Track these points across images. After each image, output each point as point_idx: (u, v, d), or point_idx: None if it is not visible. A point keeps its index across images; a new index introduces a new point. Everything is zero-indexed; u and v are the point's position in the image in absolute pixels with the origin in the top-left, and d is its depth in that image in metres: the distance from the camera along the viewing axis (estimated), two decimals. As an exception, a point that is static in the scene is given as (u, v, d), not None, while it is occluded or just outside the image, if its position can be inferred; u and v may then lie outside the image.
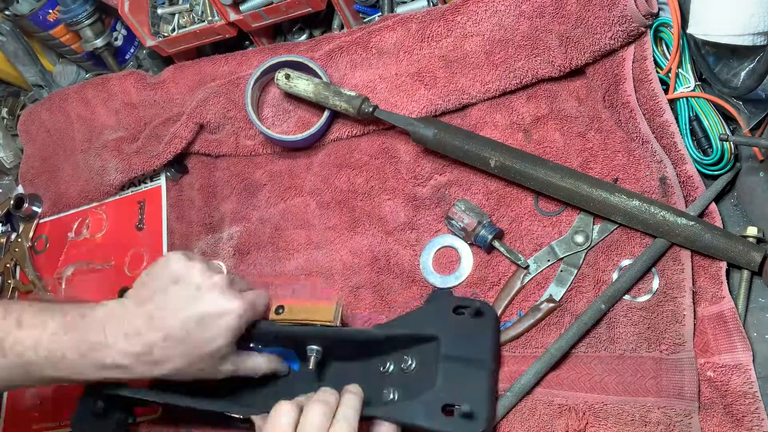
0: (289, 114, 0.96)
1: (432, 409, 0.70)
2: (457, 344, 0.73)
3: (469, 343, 0.74)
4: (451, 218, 0.81)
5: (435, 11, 0.88)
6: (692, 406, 0.69)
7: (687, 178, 0.77)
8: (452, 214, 0.81)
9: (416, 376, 0.74)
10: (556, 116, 0.83)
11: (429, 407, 0.70)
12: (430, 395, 0.70)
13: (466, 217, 0.80)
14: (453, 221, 0.81)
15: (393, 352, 0.77)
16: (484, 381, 0.72)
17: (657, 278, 0.74)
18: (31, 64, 1.15)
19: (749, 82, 0.69)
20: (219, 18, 0.96)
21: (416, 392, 0.72)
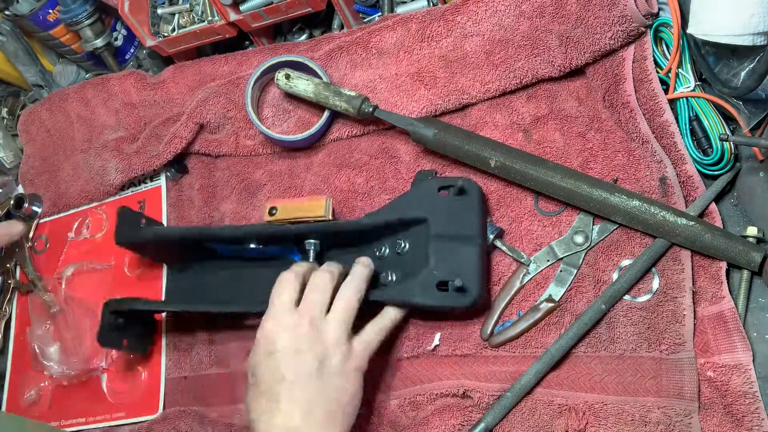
0: (289, 114, 0.96)
1: (428, 286, 0.74)
2: (445, 223, 0.77)
3: (456, 220, 0.77)
4: None
5: (435, 11, 0.88)
6: (692, 406, 0.69)
7: (687, 178, 0.77)
8: None
9: (410, 257, 0.79)
10: (556, 116, 0.83)
11: (425, 286, 0.74)
12: (425, 274, 0.75)
13: None
14: None
15: (386, 238, 0.82)
16: (473, 255, 0.75)
17: (657, 278, 0.74)
18: (31, 64, 1.15)
19: (749, 82, 0.69)
20: (219, 18, 0.96)
21: (412, 272, 0.76)
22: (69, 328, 0.97)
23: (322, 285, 0.72)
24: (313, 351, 0.68)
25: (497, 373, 0.76)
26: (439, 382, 0.78)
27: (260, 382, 0.68)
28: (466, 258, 0.75)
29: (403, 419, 0.79)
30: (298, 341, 0.68)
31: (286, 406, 0.66)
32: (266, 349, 0.69)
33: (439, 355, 0.80)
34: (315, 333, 0.69)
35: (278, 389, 0.67)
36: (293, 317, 0.70)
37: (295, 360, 0.67)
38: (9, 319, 1.06)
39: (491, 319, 0.78)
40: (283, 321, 0.70)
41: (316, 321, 0.70)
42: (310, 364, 0.67)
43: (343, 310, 0.71)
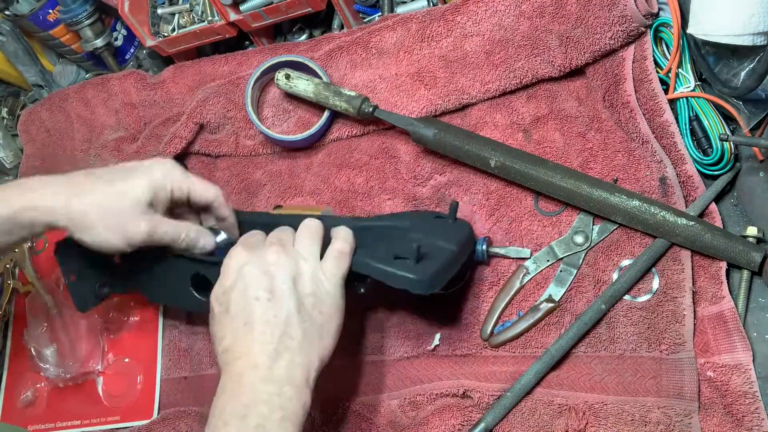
0: (289, 114, 0.96)
1: (385, 255, 0.70)
2: (427, 231, 0.74)
3: (439, 232, 0.75)
4: None
5: (435, 11, 0.88)
6: (692, 406, 0.69)
7: (687, 178, 0.77)
8: None
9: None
10: (556, 116, 0.83)
11: (382, 254, 0.71)
12: (386, 249, 0.72)
13: None
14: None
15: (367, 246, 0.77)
16: (444, 255, 0.71)
17: (657, 278, 0.74)
18: (31, 64, 1.15)
19: (749, 82, 0.69)
20: (219, 18, 0.97)
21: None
22: (66, 330, 0.97)
23: (286, 228, 0.71)
24: (284, 268, 0.65)
25: (497, 373, 0.76)
26: (439, 382, 0.78)
27: (231, 308, 0.65)
28: (435, 254, 0.71)
29: (403, 419, 0.79)
30: (268, 262, 0.66)
31: (261, 327, 0.63)
32: (236, 273, 0.66)
33: (439, 355, 0.80)
34: (285, 254, 0.66)
35: (251, 309, 0.64)
36: (261, 244, 0.68)
37: (267, 279, 0.65)
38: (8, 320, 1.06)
39: (491, 319, 0.78)
40: (252, 247, 0.68)
41: (285, 244, 0.68)
42: (282, 280, 0.65)
43: (310, 236, 0.69)
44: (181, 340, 0.94)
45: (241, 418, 0.59)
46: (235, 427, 0.59)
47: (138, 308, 0.98)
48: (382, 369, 0.82)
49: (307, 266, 0.67)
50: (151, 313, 0.97)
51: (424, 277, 0.67)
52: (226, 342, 0.64)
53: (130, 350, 0.96)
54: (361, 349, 0.84)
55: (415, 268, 0.68)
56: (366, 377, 0.82)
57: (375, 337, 0.83)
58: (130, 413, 0.93)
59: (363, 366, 0.83)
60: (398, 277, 0.68)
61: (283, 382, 0.61)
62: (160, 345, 0.95)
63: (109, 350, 0.98)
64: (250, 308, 0.64)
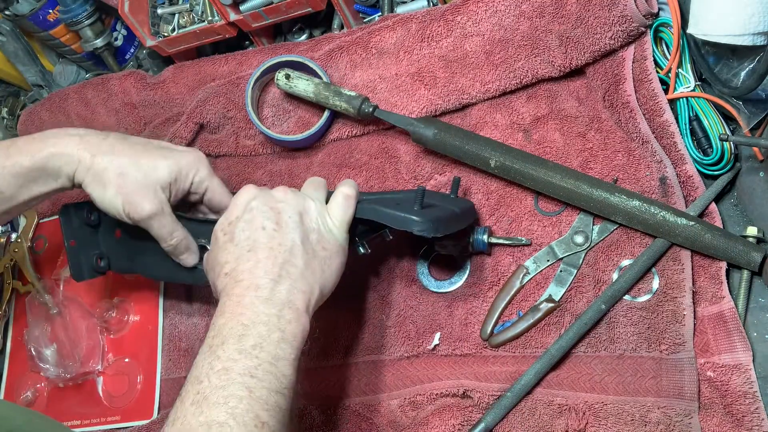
0: (289, 114, 0.96)
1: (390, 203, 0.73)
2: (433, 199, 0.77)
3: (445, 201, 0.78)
4: (440, 240, 0.80)
5: (435, 11, 0.88)
6: (692, 406, 0.69)
7: (687, 178, 0.77)
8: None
9: None
10: (556, 116, 0.83)
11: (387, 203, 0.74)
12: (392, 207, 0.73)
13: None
14: (444, 241, 0.80)
15: None
16: (447, 210, 0.74)
17: (657, 278, 0.74)
18: (31, 64, 1.15)
19: (749, 82, 0.69)
20: (219, 18, 0.97)
21: None
22: (66, 330, 0.97)
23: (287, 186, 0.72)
24: (292, 204, 0.68)
25: (497, 373, 0.76)
26: (439, 382, 0.78)
27: (236, 236, 0.66)
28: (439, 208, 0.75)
29: (403, 419, 0.78)
30: (276, 198, 0.68)
31: (266, 253, 0.64)
32: (244, 206, 0.68)
33: (439, 355, 0.80)
34: (291, 193, 0.69)
35: (256, 237, 0.65)
36: (267, 188, 0.71)
37: (274, 213, 0.67)
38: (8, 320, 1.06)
39: (491, 319, 0.78)
40: (260, 187, 0.70)
41: (290, 188, 0.71)
42: (289, 214, 0.67)
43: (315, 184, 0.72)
44: (181, 340, 0.94)
45: (239, 337, 0.60)
46: (233, 345, 0.59)
47: (138, 308, 0.98)
48: (382, 369, 0.82)
49: (313, 205, 0.69)
50: (151, 313, 0.97)
51: (427, 219, 0.70)
52: (228, 267, 0.65)
53: (130, 350, 0.97)
54: (361, 349, 0.84)
55: (419, 212, 0.71)
56: (366, 377, 0.82)
57: (375, 337, 0.83)
58: (130, 413, 0.93)
59: (363, 366, 0.83)
60: (402, 219, 0.70)
61: (283, 304, 0.62)
62: (160, 345, 0.95)
63: (109, 350, 0.98)
64: (255, 236, 0.66)
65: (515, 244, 0.80)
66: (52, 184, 0.76)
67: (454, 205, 0.78)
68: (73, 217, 0.86)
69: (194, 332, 0.93)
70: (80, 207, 0.86)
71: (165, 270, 0.85)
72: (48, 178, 0.75)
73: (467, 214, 0.79)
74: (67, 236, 0.86)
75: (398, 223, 0.71)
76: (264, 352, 0.59)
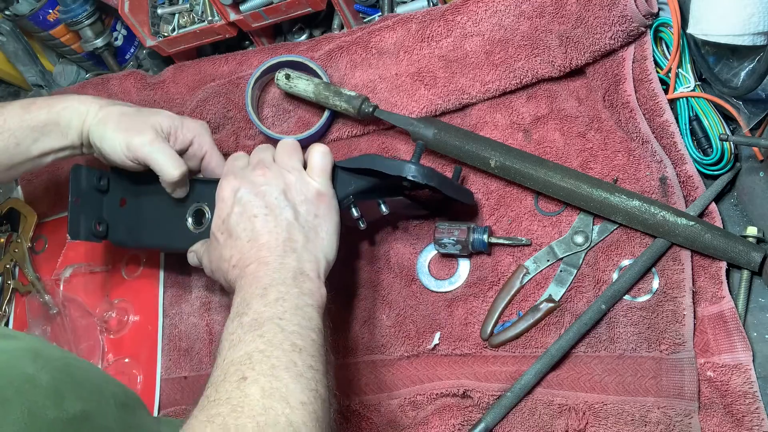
0: (289, 114, 0.96)
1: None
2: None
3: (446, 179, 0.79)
4: (440, 239, 0.80)
5: (435, 11, 0.88)
6: (692, 406, 0.69)
7: (687, 178, 0.77)
8: (440, 235, 0.80)
9: None
10: (556, 116, 0.83)
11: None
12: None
13: (456, 230, 0.79)
14: (444, 240, 0.80)
15: None
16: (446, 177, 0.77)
17: (657, 278, 0.74)
18: (31, 64, 1.15)
19: (749, 82, 0.69)
20: (219, 18, 0.97)
21: None
22: (65, 330, 0.97)
23: (264, 147, 0.77)
24: (273, 185, 0.71)
25: (497, 373, 0.76)
26: (439, 381, 0.78)
27: (233, 231, 0.70)
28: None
29: (403, 419, 0.78)
30: (258, 183, 0.71)
31: (266, 237, 0.68)
32: (231, 200, 0.71)
33: (439, 355, 0.80)
34: (270, 172, 0.72)
35: (252, 226, 0.69)
36: (247, 169, 0.73)
37: (260, 199, 0.70)
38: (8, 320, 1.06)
39: (491, 319, 0.78)
40: (239, 174, 0.73)
41: (268, 164, 0.73)
42: (275, 196, 0.70)
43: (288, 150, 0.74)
44: (181, 340, 0.94)
45: (262, 296, 0.63)
46: (257, 302, 0.62)
47: (138, 308, 0.98)
48: (382, 368, 0.82)
49: (292, 177, 0.72)
50: (151, 313, 0.97)
51: (420, 166, 0.72)
52: (234, 259, 0.69)
53: (130, 350, 0.97)
54: (361, 349, 0.84)
55: (413, 162, 0.73)
56: (366, 377, 0.82)
57: (375, 337, 0.83)
58: (130, 413, 0.93)
59: (363, 366, 0.83)
60: (397, 165, 0.72)
61: (295, 271, 0.66)
62: (160, 345, 0.95)
63: (109, 350, 0.98)
64: (251, 226, 0.69)
65: (515, 244, 0.80)
66: (63, 140, 0.81)
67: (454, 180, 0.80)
68: (83, 176, 0.87)
69: (194, 332, 0.93)
70: (92, 170, 0.88)
71: (163, 238, 0.87)
72: (60, 132, 0.81)
73: (465, 191, 0.81)
74: (73, 192, 0.87)
75: (392, 169, 0.73)
76: (287, 303, 0.62)
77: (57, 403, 0.58)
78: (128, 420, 0.67)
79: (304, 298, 0.64)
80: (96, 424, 0.61)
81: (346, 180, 0.76)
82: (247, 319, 0.61)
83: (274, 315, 0.61)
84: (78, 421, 0.59)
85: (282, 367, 0.56)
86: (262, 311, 0.61)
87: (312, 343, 0.61)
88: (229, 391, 0.55)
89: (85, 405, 0.60)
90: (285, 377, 0.56)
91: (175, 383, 0.92)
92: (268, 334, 0.59)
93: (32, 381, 0.58)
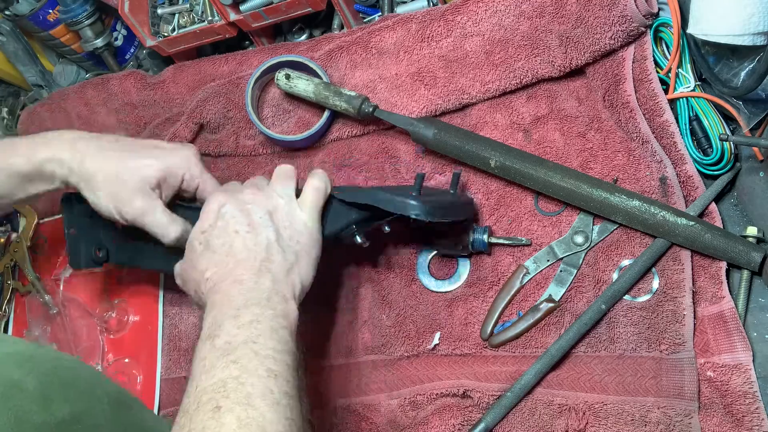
0: (289, 114, 0.96)
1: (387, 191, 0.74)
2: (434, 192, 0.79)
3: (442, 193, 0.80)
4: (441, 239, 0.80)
5: (435, 11, 0.88)
6: (692, 406, 0.69)
7: (687, 178, 0.77)
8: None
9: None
10: (556, 116, 0.83)
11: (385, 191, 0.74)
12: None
13: None
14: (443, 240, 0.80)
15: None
16: (445, 197, 0.77)
17: (657, 278, 0.74)
18: (31, 64, 1.15)
19: (749, 82, 0.69)
20: (219, 18, 0.96)
21: None
22: (66, 330, 0.97)
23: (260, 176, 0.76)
24: (261, 205, 0.70)
25: (497, 373, 0.76)
26: (439, 381, 0.78)
27: (212, 243, 0.68)
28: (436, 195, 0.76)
29: (403, 419, 0.78)
30: (245, 201, 0.70)
31: (243, 254, 0.66)
32: (215, 214, 0.70)
33: (439, 354, 0.80)
34: (260, 192, 0.71)
35: (232, 241, 0.67)
36: (237, 187, 0.73)
37: (245, 216, 0.69)
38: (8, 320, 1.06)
39: (491, 319, 0.78)
40: (229, 190, 0.72)
41: (259, 185, 0.73)
42: (259, 215, 0.69)
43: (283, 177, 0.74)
44: (181, 339, 0.94)
45: (235, 318, 0.61)
46: (230, 324, 0.60)
47: (138, 308, 0.98)
48: (382, 368, 0.82)
49: (282, 201, 0.71)
50: (151, 313, 0.97)
51: (423, 202, 0.71)
52: (209, 272, 0.67)
53: (130, 350, 0.97)
54: (361, 349, 0.84)
55: (416, 197, 0.72)
56: (366, 377, 0.82)
57: (375, 337, 0.83)
58: (130, 413, 0.93)
59: (363, 366, 0.83)
60: (399, 203, 0.71)
61: (270, 292, 0.64)
62: (160, 345, 0.95)
63: (109, 350, 0.98)
64: (230, 240, 0.67)
65: (515, 244, 0.80)
66: (48, 185, 0.78)
67: (453, 194, 0.79)
68: (75, 205, 0.86)
69: (194, 332, 0.93)
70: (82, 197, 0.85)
71: (165, 262, 0.84)
72: (44, 180, 0.77)
73: (466, 206, 0.80)
74: (67, 224, 0.86)
75: (394, 207, 0.72)
76: (261, 325, 0.60)
77: (44, 407, 0.57)
78: (123, 418, 0.66)
79: (278, 320, 0.62)
80: (87, 425, 0.60)
81: (344, 212, 0.75)
82: (219, 342, 0.59)
83: (248, 338, 0.59)
84: (67, 424, 0.58)
85: (258, 395, 0.55)
86: (235, 334, 0.59)
87: (287, 368, 0.59)
88: (203, 420, 0.53)
89: (74, 407, 0.60)
90: (261, 406, 0.54)
91: (175, 383, 0.92)
92: (242, 359, 0.57)
93: (18, 386, 0.57)
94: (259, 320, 0.61)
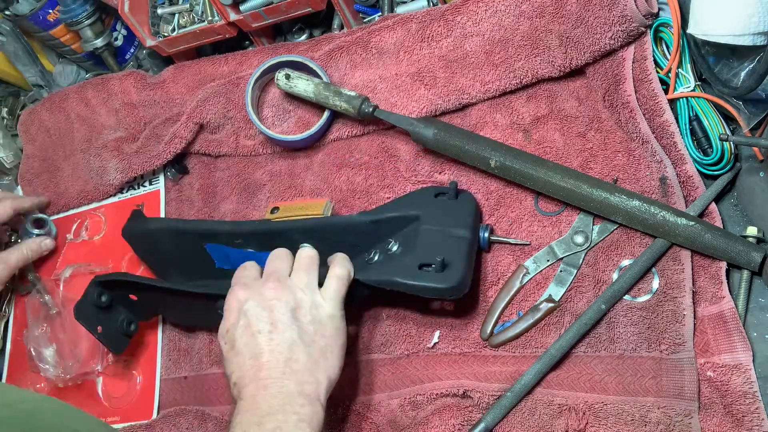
0: (289, 114, 0.96)
1: (410, 267, 0.73)
2: (437, 219, 0.77)
3: (448, 217, 0.77)
4: None
5: (435, 11, 0.88)
6: (692, 406, 0.69)
7: (687, 178, 0.77)
8: None
9: (399, 255, 0.78)
10: (556, 116, 0.83)
11: (407, 266, 0.74)
12: (408, 258, 0.75)
13: None
14: None
15: (378, 242, 0.80)
16: (461, 245, 0.75)
17: (657, 278, 0.74)
18: (31, 64, 1.15)
19: (749, 82, 0.69)
20: (219, 18, 0.97)
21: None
22: (65, 330, 0.97)
23: (283, 254, 0.75)
24: (283, 301, 0.69)
25: (497, 373, 0.76)
26: (439, 381, 0.78)
27: (236, 344, 0.69)
28: (453, 246, 0.75)
29: (403, 419, 0.78)
30: (267, 298, 0.69)
31: (267, 356, 0.67)
32: (237, 311, 0.70)
33: (439, 353, 0.80)
34: (282, 287, 0.70)
35: (256, 342, 0.67)
36: (258, 281, 0.72)
37: (267, 313, 0.68)
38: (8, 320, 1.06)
39: (491, 319, 0.78)
40: (250, 285, 0.71)
41: (281, 278, 0.72)
42: (282, 312, 0.68)
43: (306, 268, 0.73)
44: (181, 340, 0.94)
45: (258, 425, 0.62)
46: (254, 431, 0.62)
47: (138, 308, 0.98)
48: (382, 368, 0.82)
49: (305, 296, 0.70)
50: (151, 313, 0.97)
51: (453, 284, 0.71)
52: (235, 376, 0.68)
53: (130, 350, 0.96)
54: (361, 348, 0.84)
55: (442, 277, 0.72)
56: (366, 377, 0.82)
57: (375, 336, 0.83)
58: (129, 413, 0.93)
59: (363, 365, 0.83)
60: (429, 289, 0.72)
61: (294, 395, 0.65)
62: (160, 345, 0.95)
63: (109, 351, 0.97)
64: (254, 342, 0.67)
65: (515, 243, 0.80)
66: None
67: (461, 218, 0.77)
68: (87, 310, 0.86)
69: (194, 332, 0.93)
70: (86, 298, 0.86)
71: (187, 317, 0.89)
72: None
73: (475, 221, 0.78)
74: (92, 328, 0.87)
75: (425, 293, 0.73)
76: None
77: None
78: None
79: (301, 425, 0.63)
80: None
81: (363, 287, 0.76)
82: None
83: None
84: None
85: None
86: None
87: None
88: None
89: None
90: None
91: (175, 383, 0.92)
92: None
93: None
94: (281, 427, 0.62)
